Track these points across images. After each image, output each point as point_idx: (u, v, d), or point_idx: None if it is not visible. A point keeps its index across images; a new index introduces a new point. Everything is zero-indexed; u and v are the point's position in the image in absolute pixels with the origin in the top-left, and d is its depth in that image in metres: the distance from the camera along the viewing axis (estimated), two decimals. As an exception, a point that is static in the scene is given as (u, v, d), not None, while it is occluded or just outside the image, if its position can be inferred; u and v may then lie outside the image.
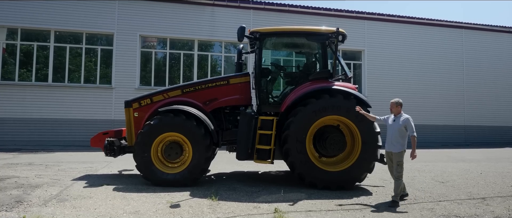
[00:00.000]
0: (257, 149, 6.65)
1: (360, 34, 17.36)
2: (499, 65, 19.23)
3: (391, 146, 5.59)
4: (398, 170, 5.49)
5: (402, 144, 5.54)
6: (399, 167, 5.49)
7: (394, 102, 5.68)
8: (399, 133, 5.53)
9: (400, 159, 5.50)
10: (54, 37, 14.59)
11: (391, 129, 5.62)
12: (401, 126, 5.51)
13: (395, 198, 5.44)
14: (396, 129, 5.54)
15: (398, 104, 5.68)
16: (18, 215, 4.51)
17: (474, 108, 18.62)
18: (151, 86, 15.05)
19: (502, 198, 5.99)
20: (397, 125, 5.55)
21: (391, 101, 5.72)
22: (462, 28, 18.93)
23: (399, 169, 5.48)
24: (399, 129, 5.52)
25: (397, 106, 5.67)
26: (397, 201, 5.41)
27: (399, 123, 5.54)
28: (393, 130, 5.59)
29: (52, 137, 13.94)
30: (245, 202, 5.46)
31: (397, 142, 5.53)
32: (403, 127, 5.51)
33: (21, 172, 7.60)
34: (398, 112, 5.67)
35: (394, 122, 5.62)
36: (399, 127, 5.52)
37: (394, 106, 5.69)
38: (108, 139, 7.00)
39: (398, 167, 5.49)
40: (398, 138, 5.53)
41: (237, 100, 7.26)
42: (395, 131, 5.54)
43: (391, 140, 5.59)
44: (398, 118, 5.61)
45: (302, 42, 7.65)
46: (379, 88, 17.24)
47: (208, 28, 15.83)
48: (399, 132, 5.52)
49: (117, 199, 5.45)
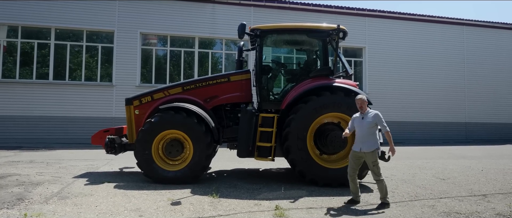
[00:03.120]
0: (258, 147, 6.64)
1: (361, 31, 17.31)
2: (500, 62, 19.18)
3: (362, 145, 5.14)
4: (375, 171, 5.09)
5: (374, 142, 5.16)
6: (375, 167, 5.09)
7: (363, 98, 5.30)
8: (369, 131, 5.14)
9: (375, 159, 5.10)
10: (55, 34, 14.58)
11: (360, 128, 5.20)
12: (371, 122, 5.13)
13: (384, 200, 5.13)
14: (366, 127, 5.14)
15: (365, 101, 5.35)
16: (19, 213, 4.52)
17: (475, 105, 18.60)
18: (152, 84, 15.05)
19: (503, 195, 5.98)
20: (367, 122, 5.16)
21: (361, 98, 5.31)
22: (463, 25, 18.87)
23: (376, 170, 5.09)
24: (369, 127, 5.14)
25: (365, 102, 5.32)
26: (387, 203, 5.11)
27: (369, 120, 5.15)
28: (362, 128, 5.17)
29: (53, 135, 13.96)
30: (246, 199, 5.47)
31: (368, 141, 5.13)
32: (373, 123, 5.14)
33: (22, 170, 7.61)
34: (366, 109, 5.31)
35: (363, 120, 5.21)
36: (369, 124, 5.14)
37: (363, 103, 5.28)
38: (109, 137, 7.00)
39: (375, 167, 5.09)
40: (368, 136, 5.14)
41: (237, 97, 7.25)
42: (365, 129, 5.14)
43: (361, 139, 5.16)
44: (367, 115, 5.22)
45: (303, 39, 7.64)
46: (380, 85, 17.24)
47: (209, 25, 15.80)
48: (369, 129, 5.14)
49: (118, 197, 5.46)
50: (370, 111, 5.27)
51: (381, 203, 5.13)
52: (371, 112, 5.26)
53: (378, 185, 5.17)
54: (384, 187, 5.12)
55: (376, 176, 5.12)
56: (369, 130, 5.15)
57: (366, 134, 5.14)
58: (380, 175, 5.13)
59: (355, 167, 5.25)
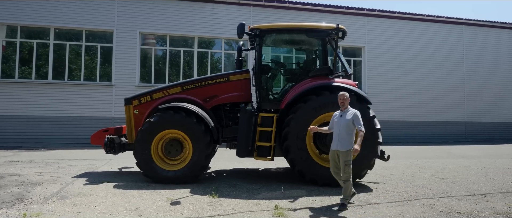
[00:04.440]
0: (257, 146, 6.64)
1: (360, 30, 17.32)
2: (500, 61, 19.20)
3: (338, 144, 5.08)
4: (346, 171, 5.03)
5: (350, 141, 5.06)
6: (347, 167, 5.02)
7: (346, 96, 5.22)
8: (346, 130, 5.06)
9: (348, 159, 5.02)
10: (54, 34, 14.57)
11: (338, 126, 5.14)
12: (348, 121, 5.06)
13: (344, 201, 5.03)
14: (344, 125, 5.07)
15: (347, 98, 5.25)
16: (18, 213, 4.51)
17: (475, 104, 18.61)
18: (151, 84, 15.04)
19: (503, 194, 5.98)
20: (344, 120, 5.09)
21: (343, 94, 5.22)
22: (463, 24, 18.88)
23: (347, 170, 5.03)
24: (346, 125, 5.07)
25: (347, 100, 5.23)
26: (346, 205, 5.02)
27: (346, 118, 5.09)
28: (340, 126, 5.11)
29: (53, 135, 13.94)
30: (245, 199, 5.47)
31: (344, 139, 5.04)
32: (350, 122, 5.06)
33: (21, 170, 7.60)
34: (347, 106, 5.23)
35: (341, 118, 5.14)
36: (347, 122, 5.07)
37: (345, 100, 5.20)
38: (108, 137, 6.99)
39: (346, 167, 5.02)
40: (344, 135, 5.05)
41: (237, 97, 7.24)
42: (342, 127, 5.08)
43: (338, 137, 5.09)
44: (345, 113, 5.16)
45: (302, 38, 7.63)
46: (379, 84, 17.25)
47: (208, 25, 15.80)
48: (346, 128, 5.06)
49: (118, 196, 5.46)
50: (350, 110, 5.22)
51: (341, 203, 5.03)
52: (350, 110, 5.20)
53: (344, 184, 5.09)
54: (349, 189, 5.07)
55: (346, 176, 5.05)
56: (346, 129, 5.08)
57: (343, 133, 5.07)
58: (350, 176, 5.08)
59: (335, 165, 5.23)
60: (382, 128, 6.61)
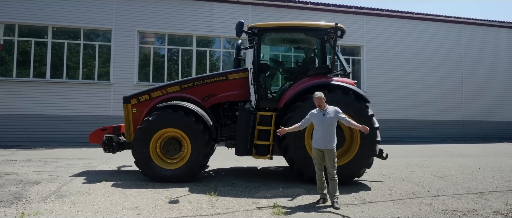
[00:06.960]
0: (256, 145, 6.65)
1: (359, 29, 17.32)
2: (498, 60, 19.22)
3: (325, 142, 5.06)
4: (335, 167, 5.09)
5: (335, 139, 5.15)
6: (335, 163, 5.10)
7: (321, 97, 5.18)
8: (332, 128, 5.11)
9: (335, 156, 5.11)
10: (52, 33, 14.52)
11: (322, 126, 5.09)
12: (333, 119, 5.10)
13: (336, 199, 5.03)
14: (329, 124, 5.08)
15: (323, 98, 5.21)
16: (16, 212, 4.51)
17: (473, 103, 18.64)
18: (150, 82, 14.99)
19: (500, 193, 6.01)
20: (328, 119, 5.09)
21: (319, 96, 5.19)
22: (461, 23, 18.90)
23: (335, 166, 5.09)
24: (332, 124, 5.10)
25: (323, 100, 5.20)
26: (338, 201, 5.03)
27: (330, 116, 5.11)
28: (327, 125, 5.08)
29: (51, 134, 13.90)
30: (244, 198, 5.47)
31: (331, 138, 5.08)
32: (335, 120, 5.12)
33: (19, 169, 7.59)
34: (325, 105, 5.21)
35: (324, 117, 5.12)
36: (331, 121, 5.10)
37: (321, 101, 5.18)
38: (107, 135, 6.97)
39: (335, 163, 5.11)
40: (331, 134, 5.09)
41: (235, 95, 7.24)
42: (328, 126, 5.07)
43: (326, 136, 5.06)
44: (327, 112, 5.16)
45: (301, 37, 7.63)
46: (378, 83, 17.25)
47: (207, 23, 15.77)
48: (332, 126, 5.11)
49: (116, 195, 5.45)
50: (329, 108, 5.24)
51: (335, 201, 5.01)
52: (330, 108, 5.22)
53: (331, 183, 5.10)
54: (336, 185, 5.08)
55: (332, 174, 5.08)
56: (332, 127, 5.12)
57: (330, 131, 5.09)
58: (335, 173, 5.11)
59: (322, 163, 5.22)
60: (381, 126, 6.62)
